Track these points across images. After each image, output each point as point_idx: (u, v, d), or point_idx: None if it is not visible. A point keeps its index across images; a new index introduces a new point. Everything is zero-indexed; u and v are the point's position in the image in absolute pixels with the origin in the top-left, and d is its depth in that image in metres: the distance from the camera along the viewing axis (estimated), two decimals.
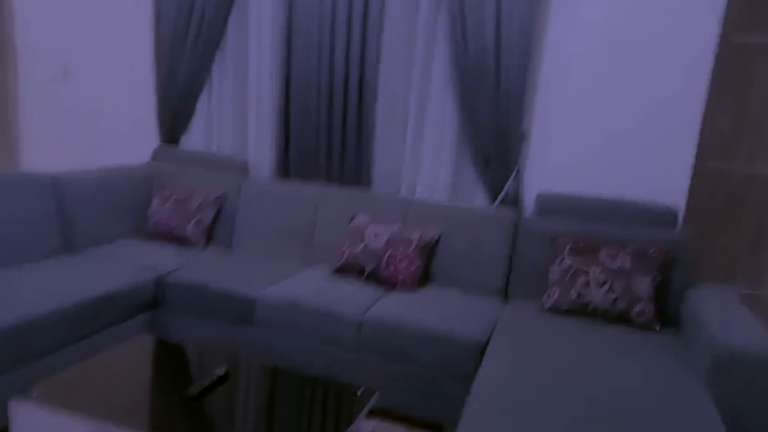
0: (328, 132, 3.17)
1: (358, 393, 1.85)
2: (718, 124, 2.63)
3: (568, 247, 2.53)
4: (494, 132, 2.83)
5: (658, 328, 2.36)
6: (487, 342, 2.22)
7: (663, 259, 2.43)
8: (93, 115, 3.96)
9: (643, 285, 2.37)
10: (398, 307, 2.40)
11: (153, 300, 2.68)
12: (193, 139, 3.57)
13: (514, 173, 2.87)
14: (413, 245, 2.69)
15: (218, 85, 3.46)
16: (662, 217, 2.58)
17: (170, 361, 1.98)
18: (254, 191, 3.17)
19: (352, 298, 2.48)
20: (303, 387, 1.86)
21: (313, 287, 2.56)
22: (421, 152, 3.07)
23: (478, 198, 3.02)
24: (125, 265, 2.71)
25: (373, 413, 2.44)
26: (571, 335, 2.21)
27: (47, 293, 2.25)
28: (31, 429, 1.68)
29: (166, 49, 3.41)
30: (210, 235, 3.22)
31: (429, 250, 2.77)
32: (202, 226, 3.10)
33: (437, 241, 2.80)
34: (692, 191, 2.69)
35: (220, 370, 1.88)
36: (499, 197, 2.91)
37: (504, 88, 2.77)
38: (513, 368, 1.89)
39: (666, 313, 2.46)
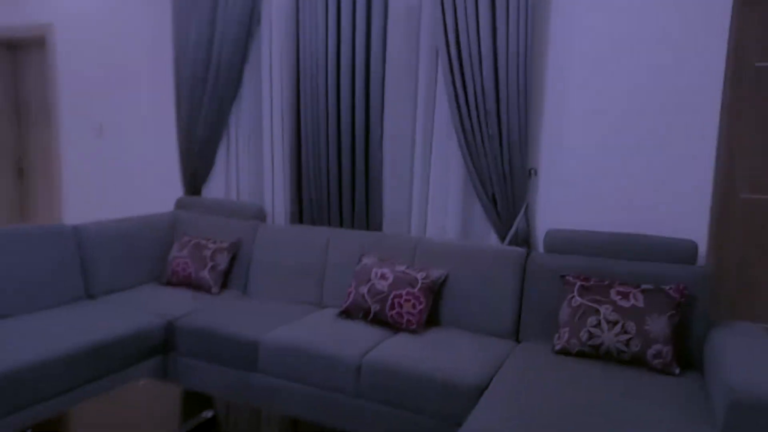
0: (339, 176, 3.21)
1: None
2: (746, 152, 2.51)
3: (577, 285, 2.42)
4: (499, 170, 2.79)
5: (677, 372, 2.19)
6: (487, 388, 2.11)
7: (680, 297, 2.28)
8: (124, 168, 4.17)
9: (659, 325, 2.22)
10: (399, 350, 2.34)
11: (163, 345, 2.72)
12: (214, 189, 3.69)
13: (522, 210, 2.81)
14: (418, 285, 2.64)
15: (235, 137, 3.59)
16: (680, 251, 2.43)
17: (162, 403, 1.98)
18: (268, 236, 3.22)
19: (354, 341, 2.44)
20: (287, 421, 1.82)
21: (317, 330, 2.54)
22: (429, 193, 3.05)
23: (488, 237, 2.96)
24: (138, 310, 2.78)
25: None
26: (576, 381, 2.08)
27: (54, 338, 2.33)
28: None
29: (185, 105, 3.58)
30: (226, 280, 3.27)
31: (436, 291, 2.71)
32: (218, 270, 3.16)
33: (444, 281, 2.74)
34: (720, 223, 2.54)
35: (207, 414, 1.87)
36: (509, 235, 2.83)
37: (505, 127, 2.74)
38: (504, 420, 1.78)
39: (688, 355, 2.29)
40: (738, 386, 1.74)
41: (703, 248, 2.55)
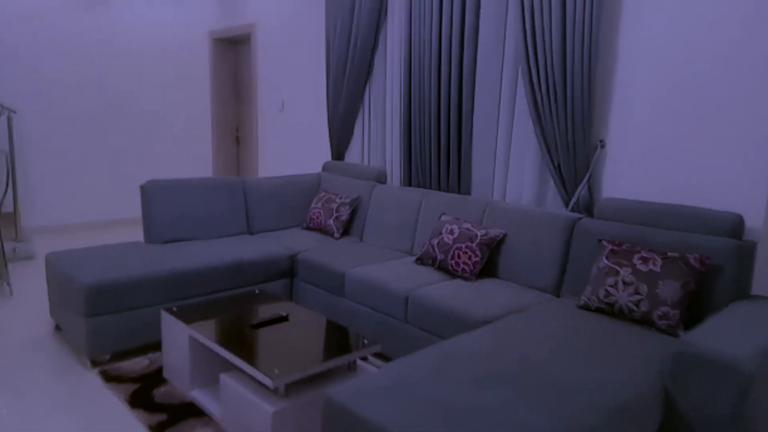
0: (438, 147, 3.73)
1: (364, 341, 2.43)
2: None
3: (608, 248, 2.62)
4: (564, 142, 3.03)
5: (681, 333, 2.30)
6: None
7: (701, 267, 2.35)
8: (296, 136, 5.25)
9: (671, 290, 2.35)
10: (443, 291, 2.85)
11: (290, 271, 3.64)
12: (353, 154, 4.51)
13: (585, 180, 3.01)
14: (477, 241, 3.08)
15: (368, 112, 4.33)
16: (722, 224, 2.45)
17: (259, 304, 2.86)
18: (380, 195, 3.92)
19: (412, 281, 3.01)
20: (329, 329, 2.53)
21: (390, 270, 3.17)
22: (509, 163, 3.40)
23: (556, 204, 3.21)
24: (277, 245, 3.74)
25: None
26: (573, 328, 2.36)
27: (219, 255, 3.36)
28: (169, 329, 2.72)
29: (332, 85, 4.43)
30: (348, 228, 4.08)
31: (493, 247, 3.11)
32: (340, 220, 3.98)
33: (503, 239, 3.12)
34: None
35: (282, 315, 2.68)
36: (571, 203, 3.06)
37: (570, 103, 2.96)
38: (477, 341, 2.21)
39: (700, 321, 2.36)
40: (686, 340, 1.91)
41: (758, 224, 2.49)
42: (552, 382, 1.83)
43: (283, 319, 2.67)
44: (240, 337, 2.43)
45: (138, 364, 2.97)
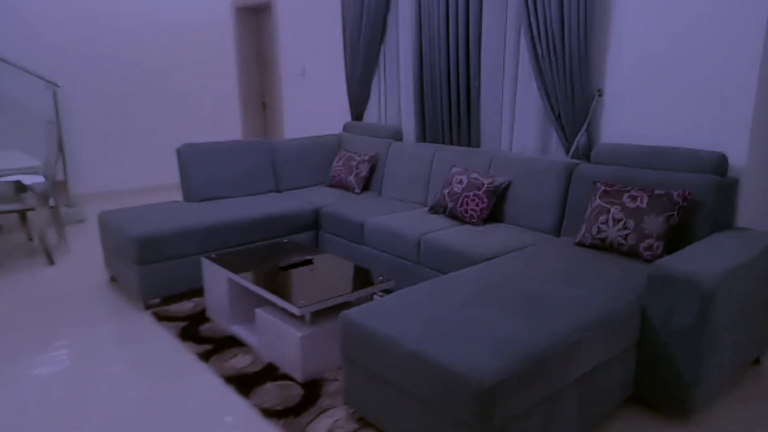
0: (449, 105, 3.96)
1: (379, 278, 2.75)
2: None
3: (601, 189, 2.85)
4: (563, 92, 3.22)
5: None
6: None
7: (683, 201, 2.57)
8: (318, 100, 5.52)
9: (655, 224, 2.58)
10: (451, 235, 3.13)
11: (314, 224, 3.98)
12: (371, 114, 4.76)
13: (583, 128, 3.21)
14: (483, 189, 3.33)
15: (383, 73, 4.56)
16: (706, 163, 2.64)
17: (287, 252, 3.20)
18: (396, 151, 4.18)
19: (424, 227, 3.30)
20: (348, 269, 2.85)
21: (404, 219, 3.47)
22: (514, 115, 3.61)
23: (559, 152, 3.43)
24: (302, 200, 4.06)
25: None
26: (562, 259, 2.62)
27: (249, 211, 3.71)
28: (209, 274, 3.10)
29: (348, 49, 4.66)
30: (367, 184, 4.37)
31: (499, 194, 3.37)
32: (360, 177, 4.27)
33: (507, 186, 3.37)
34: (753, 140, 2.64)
35: (307, 258, 3.02)
36: (571, 150, 3.28)
37: (567, 53, 3.14)
38: (474, 272, 2.49)
39: None
40: (660, 263, 2.16)
41: (742, 162, 2.68)
42: (535, 301, 2.12)
43: (309, 262, 3.00)
44: (271, 278, 2.78)
45: (184, 307, 3.37)
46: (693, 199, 2.61)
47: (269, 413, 2.29)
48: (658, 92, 2.96)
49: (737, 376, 2.48)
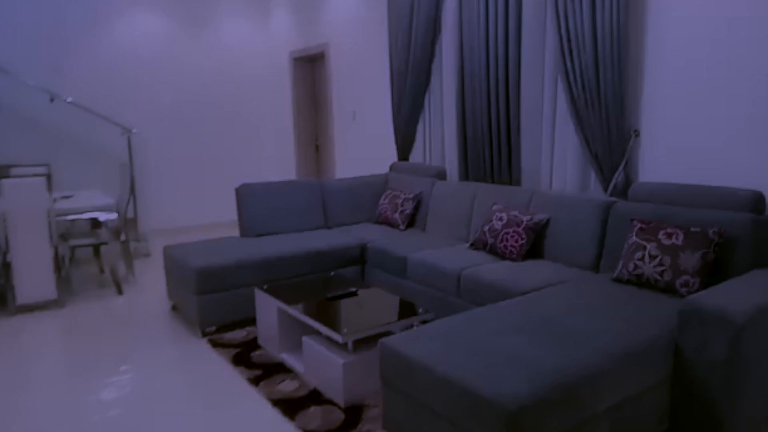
0: (490, 145, 4.12)
1: (419, 310, 2.89)
2: None
3: (637, 227, 2.91)
4: (600, 133, 3.33)
5: None
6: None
7: (719, 238, 2.60)
8: (367, 142, 5.80)
9: (691, 260, 2.62)
10: (490, 270, 3.24)
11: (360, 258, 4.17)
12: (417, 154, 4.98)
13: (621, 167, 3.29)
14: (523, 225, 3.44)
15: (429, 116, 4.79)
16: (742, 201, 2.67)
17: (334, 284, 3.39)
18: (439, 190, 4.35)
19: (465, 261, 3.43)
20: (391, 301, 3.01)
21: (445, 254, 3.60)
22: (553, 155, 3.73)
23: (598, 190, 3.50)
24: (350, 236, 4.27)
25: None
26: (597, 296, 2.68)
27: (300, 245, 3.94)
28: (261, 303, 3.32)
29: (395, 94, 4.93)
30: (412, 221, 4.55)
31: (538, 231, 3.46)
32: (405, 214, 4.46)
33: (546, 223, 3.46)
34: None
35: (352, 290, 3.19)
36: (609, 188, 3.35)
37: (603, 97, 3.26)
38: (511, 305, 2.59)
39: None
40: (692, 298, 2.20)
41: None
42: (566, 333, 2.20)
43: (353, 294, 3.18)
44: (318, 308, 2.97)
45: (238, 335, 3.59)
46: (729, 236, 2.64)
47: None
48: (694, 131, 3.02)
49: None
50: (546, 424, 1.80)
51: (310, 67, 7.14)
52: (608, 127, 3.28)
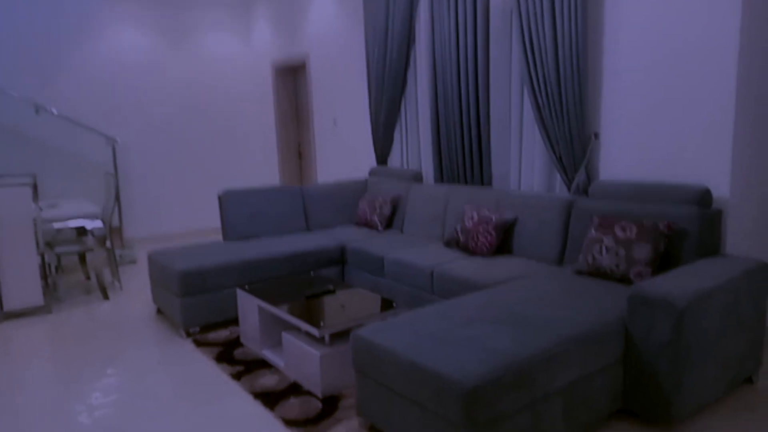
0: (462, 149, 4.31)
1: (393, 305, 3.04)
2: None
3: (596, 222, 3.09)
4: (563, 136, 3.52)
5: None
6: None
7: (668, 231, 2.79)
8: (347, 148, 5.96)
9: (643, 252, 2.80)
10: (460, 266, 3.41)
11: (340, 259, 4.32)
12: (395, 159, 5.15)
13: (582, 167, 3.48)
14: (492, 224, 3.62)
15: (405, 122, 4.97)
16: (692, 195, 2.87)
17: (314, 284, 3.53)
18: (415, 192, 4.53)
19: (438, 259, 3.59)
20: (366, 298, 3.16)
21: (419, 253, 3.77)
22: (521, 158, 3.92)
23: (563, 189, 3.69)
24: (330, 238, 4.42)
25: None
26: (556, 286, 2.85)
27: (283, 248, 4.08)
28: (243, 303, 3.45)
29: (373, 101, 5.11)
30: (390, 223, 4.71)
31: (507, 228, 3.64)
32: (383, 216, 4.62)
33: (514, 221, 3.64)
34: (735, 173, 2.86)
35: (330, 288, 3.34)
36: (572, 187, 3.54)
37: (565, 103, 3.45)
38: (476, 298, 2.76)
39: None
40: (639, 285, 2.38)
41: (726, 194, 2.90)
42: (525, 321, 2.37)
43: (331, 291, 3.33)
44: (296, 305, 3.12)
45: (221, 334, 3.72)
46: (678, 229, 2.83)
47: (291, 423, 2.58)
48: (649, 132, 3.22)
49: (725, 392, 2.62)
50: (501, 401, 1.96)
51: (292, 77, 7.30)
52: (570, 132, 3.48)
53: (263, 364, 3.23)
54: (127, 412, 2.76)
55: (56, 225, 4.59)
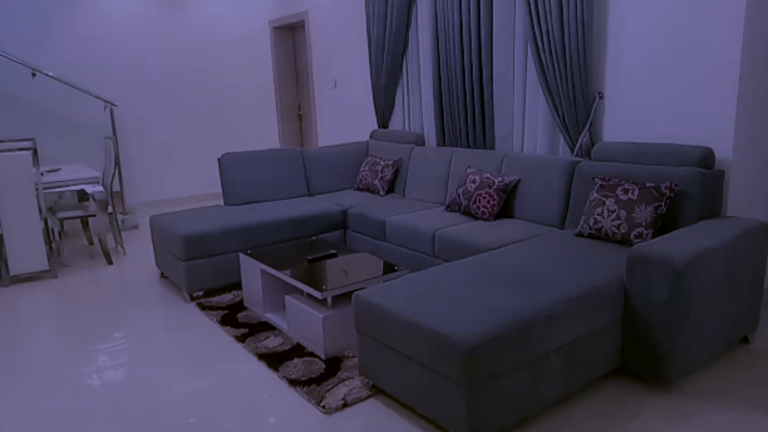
0: (465, 111, 4.26)
1: (395, 268, 3.06)
2: None
3: (598, 184, 3.08)
4: (566, 96, 3.47)
5: None
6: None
7: (670, 193, 2.78)
8: (348, 109, 5.90)
9: (644, 214, 2.80)
10: (462, 229, 3.42)
11: (342, 223, 4.33)
12: (396, 122, 5.10)
13: (586, 128, 3.45)
14: (494, 187, 3.61)
15: (406, 83, 4.90)
16: (694, 157, 2.85)
17: (316, 248, 3.55)
18: (418, 155, 4.50)
19: (440, 223, 3.60)
20: (368, 261, 3.18)
21: (421, 217, 3.77)
22: (525, 119, 3.88)
23: (566, 151, 3.66)
24: (332, 203, 4.43)
25: None
26: (558, 248, 2.87)
27: (283, 213, 4.09)
28: (245, 267, 3.48)
29: (373, 62, 5.03)
30: (392, 187, 4.70)
31: (509, 191, 3.63)
32: (384, 180, 4.61)
33: (516, 184, 3.63)
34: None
35: (332, 252, 3.36)
36: (575, 148, 3.52)
37: (569, 62, 3.39)
38: (477, 260, 2.77)
39: None
40: (638, 246, 2.39)
41: (729, 155, 2.87)
42: (525, 281, 2.38)
43: (333, 255, 3.35)
44: (299, 269, 3.14)
45: (225, 298, 3.77)
46: (680, 190, 2.82)
47: (294, 382, 2.63)
48: (653, 93, 3.17)
49: (721, 352, 2.66)
50: (501, 360, 2.00)
51: (290, 37, 7.17)
52: (574, 92, 3.43)
53: (267, 327, 3.28)
54: (134, 374, 2.82)
55: (57, 190, 4.59)
